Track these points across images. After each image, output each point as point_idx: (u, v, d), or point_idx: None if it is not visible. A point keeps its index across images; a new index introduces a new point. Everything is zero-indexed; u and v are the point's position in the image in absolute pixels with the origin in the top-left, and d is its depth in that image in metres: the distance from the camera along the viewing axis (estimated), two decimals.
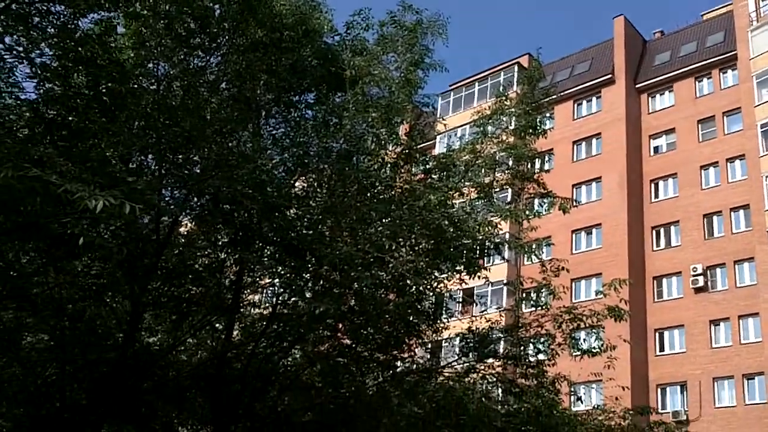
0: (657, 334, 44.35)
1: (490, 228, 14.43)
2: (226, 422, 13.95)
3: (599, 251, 44.91)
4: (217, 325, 14.32)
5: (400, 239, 12.43)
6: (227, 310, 13.48)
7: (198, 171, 11.89)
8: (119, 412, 13.16)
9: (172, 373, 13.98)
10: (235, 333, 14.74)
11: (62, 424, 12.31)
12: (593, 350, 14.99)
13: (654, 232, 46.40)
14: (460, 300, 17.70)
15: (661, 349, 44.16)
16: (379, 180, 13.28)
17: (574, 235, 46.22)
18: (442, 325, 15.48)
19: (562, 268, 15.03)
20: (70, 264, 10.93)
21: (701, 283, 43.19)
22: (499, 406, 14.79)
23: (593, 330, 15.26)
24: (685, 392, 42.42)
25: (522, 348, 15.17)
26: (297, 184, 13.73)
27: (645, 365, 43.12)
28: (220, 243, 13.27)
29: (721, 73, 46.80)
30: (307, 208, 12.53)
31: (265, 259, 12.26)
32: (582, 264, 41.51)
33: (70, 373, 12.82)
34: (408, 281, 13.03)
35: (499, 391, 15.30)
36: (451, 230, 12.80)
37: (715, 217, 44.42)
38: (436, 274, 13.88)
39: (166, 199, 12.32)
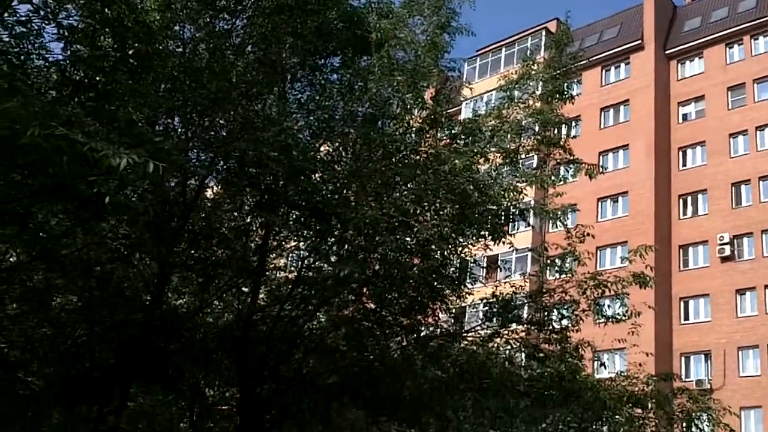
0: (682, 303, 44.18)
1: (515, 194, 14.36)
2: (251, 384, 14.11)
3: (625, 219, 44.66)
4: (243, 288, 14.42)
5: (425, 204, 12.42)
6: (253, 273, 13.56)
7: (224, 134, 11.90)
8: (147, 373, 13.37)
9: (199, 335, 14.13)
10: (260, 296, 14.85)
11: (92, 383, 12.52)
12: (617, 317, 14.96)
13: (681, 200, 46.03)
14: (485, 266, 17.68)
15: (686, 318, 44.02)
16: (404, 144, 13.23)
17: (600, 203, 45.97)
18: (466, 290, 15.48)
19: (588, 234, 14.96)
20: (98, 225, 11.03)
21: (728, 252, 42.90)
22: (523, 371, 14.83)
23: (618, 297, 15.21)
24: (709, 361, 42.33)
25: (546, 314, 15.16)
26: (322, 148, 13.72)
27: (669, 334, 43.02)
28: (246, 206, 13.32)
29: (752, 40, 46.01)
30: (332, 172, 12.52)
31: (291, 222, 12.29)
32: (608, 232, 41.34)
33: (99, 333, 12.99)
34: (432, 246, 13.03)
35: (523, 356, 15.32)
36: (476, 195, 12.75)
37: (743, 186, 43.97)
38: (461, 239, 13.86)
39: (193, 161, 12.37)
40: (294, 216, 12.69)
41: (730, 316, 42.19)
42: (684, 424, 16.44)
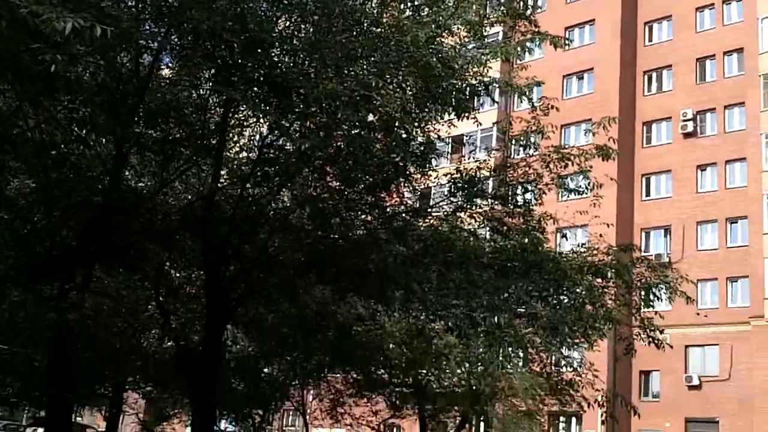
0: (644, 180, 44.85)
1: (479, 67, 14.09)
2: (216, 264, 14.10)
3: (590, 96, 44.63)
4: (203, 167, 14.20)
5: (387, 77, 12.12)
6: (213, 150, 13.34)
7: (176, 5, 11.39)
8: (109, 253, 13.30)
9: (160, 216, 13.99)
10: (222, 175, 14.67)
11: (52, 264, 12.44)
12: (579, 189, 15.03)
13: (646, 76, 46.01)
14: (450, 142, 17.57)
15: (648, 194, 44.78)
16: (365, 16, 12.79)
17: (565, 80, 45.81)
18: (430, 167, 15.42)
19: (552, 107, 14.81)
20: (49, 101, 10.67)
21: (690, 128, 43.29)
22: (486, 244, 14.96)
23: (581, 171, 15.23)
24: (668, 236, 43.38)
25: (509, 188, 15.19)
26: (279, 22, 13.22)
27: (631, 210, 43.82)
28: (203, 82, 12.95)
29: None
30: (291, 46, 12.14)
31: (250, 97, 11.96)
32: (572, 109, 41.26)
33: (58, 216, 12.83)
34: (396, 123, 12.83)
35: (487, 230, 15.44)
36: (440, 68, 12.45)
37: (708, 62, 43.97)
38: (425, 113, 13.64)
39: (146, 32, 11.88)
40: (254, 92, 12.36)
41: (691, 191, 42.99)
42: (642, 293, 16.88)
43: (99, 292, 14.82)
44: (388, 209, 14.69)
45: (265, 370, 23.46)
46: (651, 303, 16.92)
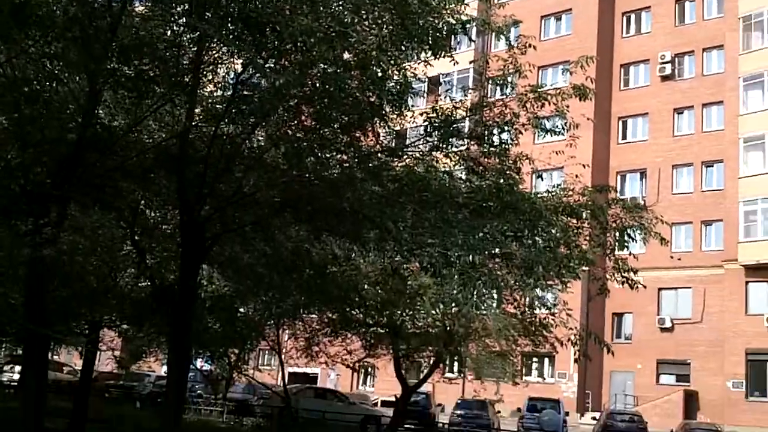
0: (621, 123, 44.98)
1: (456, 4, 13.93)
2: (191, 202, 14.06)
3: (568, 38, 44.42)
4: (178, 105, 14.05)
5: (363, 13, 12.01)
6: (187, 87, 13.20)
7: None
8: (84, 191, 13.24)
9: (134, 154, 13.89)
10: (197, 113, 14.52)
11: (28, 201, 12.38)
12: (556, 129, 15.02)
13: (625, 18, 45.80)
14: (426, 81, 17.43)
15: (624, 137, 44.97)
16: None
17: (543, 21, 45.49)
18: (406, 108, 15.30)
19: (530, 45, 14.71)
20: (20, 35, 10.50)
21: (668, 71, 43.29)
22: (462, 184, 14.97)
23: (558, 112, 15.20)
24: (644, 179, 43.70)
25: (486, 128, 15.15)
26: None
27: (607, 153, 44.03)
28: (176, 17, 12.74)
29: None
30: None
31: (225, 31, 11.81)
32: (549, 51, 41.06)
33: (31, 153, 12.71)
34: (372, 61, 12.73)
35: (462, 170, 15.44)
36: (416, 4, 12.33)
37: (687, 3, 43.84)
38: (402, 50, 13.51)
39: None
40: (228, 28, 12.20)
41: (668, 134, 43.21)
42: (617, 234, 17.03)
43: (74, 229, 14.76)
44: (363, 149, 14.61)
45: (241, 309, 23.59)
46: (625, 244, 17.07)
